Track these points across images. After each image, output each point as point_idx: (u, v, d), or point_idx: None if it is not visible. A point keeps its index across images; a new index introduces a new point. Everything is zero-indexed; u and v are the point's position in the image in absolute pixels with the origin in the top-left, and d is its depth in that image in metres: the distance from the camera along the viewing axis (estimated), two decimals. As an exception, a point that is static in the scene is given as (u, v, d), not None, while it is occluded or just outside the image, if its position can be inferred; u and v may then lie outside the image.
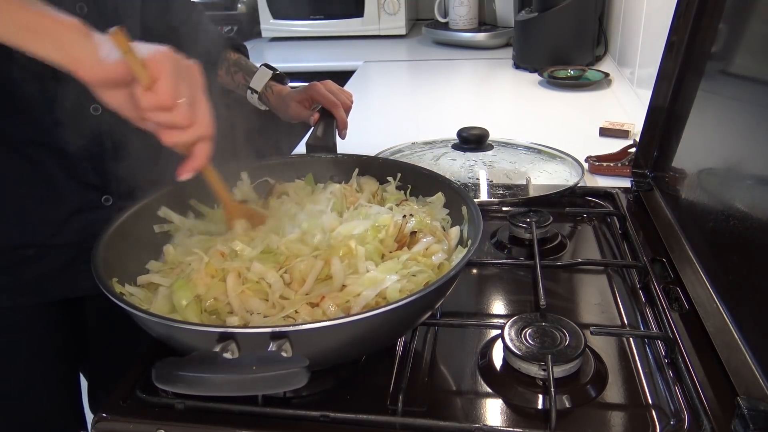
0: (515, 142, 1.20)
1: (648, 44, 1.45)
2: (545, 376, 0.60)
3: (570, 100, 1.62)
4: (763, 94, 0.67)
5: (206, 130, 0.63)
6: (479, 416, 0.60)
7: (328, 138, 1.06)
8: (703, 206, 0.79)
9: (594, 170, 1.14)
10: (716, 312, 0.67)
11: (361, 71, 2.00)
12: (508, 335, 0.65)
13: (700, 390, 0.59)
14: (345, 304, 0.63)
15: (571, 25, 1.82)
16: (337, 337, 0.56)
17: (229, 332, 0.52)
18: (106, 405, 0.61)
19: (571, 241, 0.92)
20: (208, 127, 0.63)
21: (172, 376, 0.48)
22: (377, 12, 2.30)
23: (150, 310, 0.63)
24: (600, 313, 0.75)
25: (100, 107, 0.82)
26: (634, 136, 1.28)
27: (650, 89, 0.94)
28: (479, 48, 2.16)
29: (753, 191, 0.66)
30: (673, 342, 0.65)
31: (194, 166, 0.65)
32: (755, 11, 0.71)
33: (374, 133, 1.39)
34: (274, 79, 1.14)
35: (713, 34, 0.81)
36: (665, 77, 0.91)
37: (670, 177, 0.93)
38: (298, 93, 1.11)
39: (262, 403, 0.60)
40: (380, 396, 0.62)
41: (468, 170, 1.08)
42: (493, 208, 1.00)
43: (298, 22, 2.34)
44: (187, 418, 0.59)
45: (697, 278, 0.73)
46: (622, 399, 0.61)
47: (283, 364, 0.48)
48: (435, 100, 1.70)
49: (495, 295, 0.81)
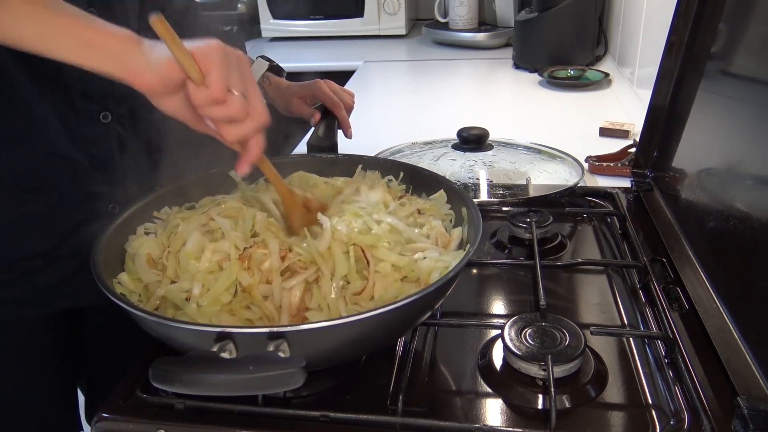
0: (515, 142, 1.20)
1: (648, 44, 1.45)
2: (545, 376, 0.60)
3: (570, 100, 1.62)
4: (763, 94, 0.67)
5: (263, 120, 0.62)
6: (479, 416, 0.60)
7: (329, 138, 1.06)
8: (703, 206, 0.79)
9: (594, 170, 1.14)
10: (716, 312, 0.66)
11: (361, 71, 2.00)
12: (508, 335, 0.65)
13: (700, 390, 0.59)
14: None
15: (571, 25, 1.82)
16: (336, 338, 0.56)
17: (227, 332, 0.52)
18: (106, 405, 0.61)
19: (571, 241, 0.92)
20: (264, 117, 0.62)
21: (170, 375, 0.48)
22: (377, 12, 2.30)
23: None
24: (600, 313, 0.75)
25: (109, 115, 0.82)
26: (634, 136, 1.28)
27: (650, 89, 0.94)
28: (479, 48, 2.16)
29: (753, 191, 0.66)
30: (673, 342, 0.65)
31: (251, 159, 0.64)
32: (755, 11, 0.70)
33: (374, 133, 1.39)
34: (271, 70, 1.13)
35: (713, 34, 0.81)
36: (665, 77, 0.91)
37: (670, 177, 0.93)
38: (301, 89, 1.10)
39: (262, 403, 0.60)
40: (380, 396, 0.62)
41: (468, 170, 1.08)
42: (493, 208, 1.00)
43: (298, 22, 2.34)
44: (187, 418, 0.59)
45: (697, 278, 0.73)
46: (622, 399, 0.61)
47: (280, 364, 0.48)
48: (435, 100, 1.70)
49: (495, 295, 0.81)
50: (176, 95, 0.60)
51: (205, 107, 0.59)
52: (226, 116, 0.60)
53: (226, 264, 0.65)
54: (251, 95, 0.61)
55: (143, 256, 0.68)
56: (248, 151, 0.64)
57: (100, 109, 0.81)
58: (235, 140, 0.62)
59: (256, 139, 0.63)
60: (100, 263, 0.63)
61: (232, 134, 0.61)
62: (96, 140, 0.81)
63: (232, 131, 0.61)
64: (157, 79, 0.58)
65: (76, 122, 0.79)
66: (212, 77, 0.57)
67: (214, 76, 0.57)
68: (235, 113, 0.59)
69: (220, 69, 0.58)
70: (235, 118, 0.60)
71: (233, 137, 0.62)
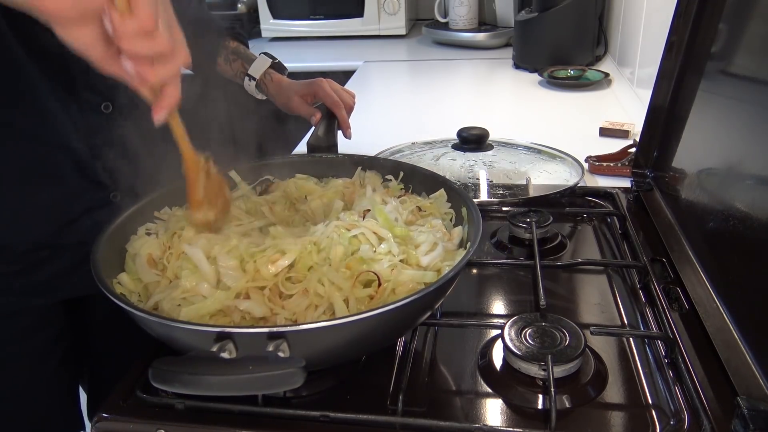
0: (515, 142, 1.20)
1: (648, 44, 1.45)
2: (545, 376, 0.60)
3: (570, 100, 1.62)
4: (763, 94, 0.67)
5: (186, 58, 0.56)
6: (479, 416, 0.60)
7: (329, 138, 1.06)
8: (703, 206, 0.79)
9: (594, 170, 1.14)
10: (716, 312, 0.66)
11: (361, 71, 2.00)
12: (508, 335, 0.65)
13: (700, 390, 0.59)
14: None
15: (571, 25, 1.82)
16: (336, 338, 0.56)
17: (227, 332, 0.52)
18: (106, 405, 0.61)
19: (571, 241, 0.92)
20: (187, 57, 0.56)
21: (169, 375, 0.48)
22: (377, 12, 2.30)
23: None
24: (600, 313, 0.75)
25: (110, 105, 0.82)
26: (634, 136, 1.28)
27: (650, 89, 0.94)
28: (479, 48, 2.16)
29: (753, 191, 0.66)
30: (673, 342, 0.65)
31: (170, 104, 0.58)
32: (755, 11, 0.70)
33: (374, 133, 1.39)
34: (273, 67, 1.13)
35: (713, 34, 0.81)
36: (665, 77, 0.91)
37: (670, 177, 0.93)
38: (302, 87, 1.10)
39: (262, 403, 0.60)
40: (380, 396, 0.62)
41: (468, 170, 1.08)
42: (493, 208, 1.00)
43: (298, 22, 2.35)
44: (187, 418, 0.59)
45: (697, 278, 0.73)
46: (622, 399, 0.61)
47: (280, 364, 0.48)
48: (435, 100, 1.70)
49: (495, 295, 0.81)
50: (88, 26, 0.50)
51: (130, 40, 0.51)
52: (153, 51, 0.53)
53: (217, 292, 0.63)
54: (175, 29, 0.55)
55: (144, 256, 0.68)
56: (166, 96, 0.57)
57: (102, 99, 0.81)
58: (157, 81, 0.55)
59: (174, 83, 0.57)
60: (100, 263, 0.63)
61: (156, 74, 0.54)
62: (98, 130, 0.82)
63: (157, 71, 0.54)
64: (68, 2, 0.48)
65: (79, 113, 0.80)
66: (140, 4, 0.50)
67: (142, 2, 0.50)
68: (162, 47, 0.53)
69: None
70: (162, 53, 0.53)
71: (157, 77, 0.54)
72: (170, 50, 0.53)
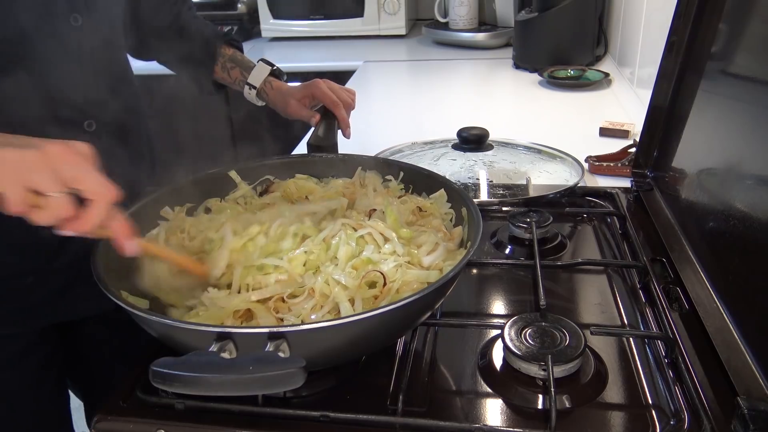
0: (515, 142, 1.20)
1: (648, 44, 1.45)
2: (545, 376, 0.60)
3: (570, 100, 1.62)
4: (763, 94, 0.67)
5: (107, 199, 0.55)
6: (479, 416, 0.60)
7: (329, 138, 1.05)
8: (703, 206, 0.79)
9: (594, 170, 1.14)
10: (716, 312, 0.66)
11: (361, 71, 2.00)
12: (508, 335, 0.65)
13: (700, 390, 0.59)
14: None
15: (571, 25, 1.82)
16: (336, 338, 0.56)
17: (227, 332, 0.52)
18: (106, 405, 0.61)
19: (571, 241, 0.92)
20: (108, 194, 0.55)
21: (169, 375, 0.48)
22: (377, 12, 2.30)
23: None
24: (600, 313, 0.75)
25: (93, 123, 0.81)
26: (634, 136, 1.28)
27: (650, 89, 0.94)
28: (479, 48, 2.16)
29: (753, 191, 0.66)
30: (673, 342, 0.65)
31: (125, 234, 0.59)
32: (755, 11, 0.70)
33: (374, 133, 1.39)
34: (272, 74, 1.13)
35: (713, 34, 0.81)
36: (665, 77, 0.91)
37: (670, 177, 0.93)
38: (299, 90, 1.09)
39: (262, 403, 0.60)
40: (380, 396, 0.62)
41: (468, 170, 1.08)
42: (493, 208, 1.00)
43: (298, 22, 2.34)
44: (187, 418, 0.59)
45: (697, 278, 0.73)
46: (622, 399, 0.61)
47: (280, 364, 0.48)
48: (435, 100, 1.70)
49: (495, 295, 0.81)
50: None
51: (25, 215, 0.53)
52: (52, 219, 0.54)
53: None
54: (83, 181, 0.54)
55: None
56: (116, 231, 0.58)
57: (84, 117, 0.80)
58: (89, 231, 0.56)
59: (116, 221, 0.58)
60: (100, 264, 0.63)
61: (79, 228, 0.55)
62: None
63: (77, 226, 0.55)
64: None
65: (61, 133, 0.78)
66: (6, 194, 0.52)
67: (9, 192, 0.52)
68: (60, 214, 0.53)
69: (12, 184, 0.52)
70: (63, 217, 0.54)
71: (81, 229, 0.55)
72: (71, 212, 0.53)
